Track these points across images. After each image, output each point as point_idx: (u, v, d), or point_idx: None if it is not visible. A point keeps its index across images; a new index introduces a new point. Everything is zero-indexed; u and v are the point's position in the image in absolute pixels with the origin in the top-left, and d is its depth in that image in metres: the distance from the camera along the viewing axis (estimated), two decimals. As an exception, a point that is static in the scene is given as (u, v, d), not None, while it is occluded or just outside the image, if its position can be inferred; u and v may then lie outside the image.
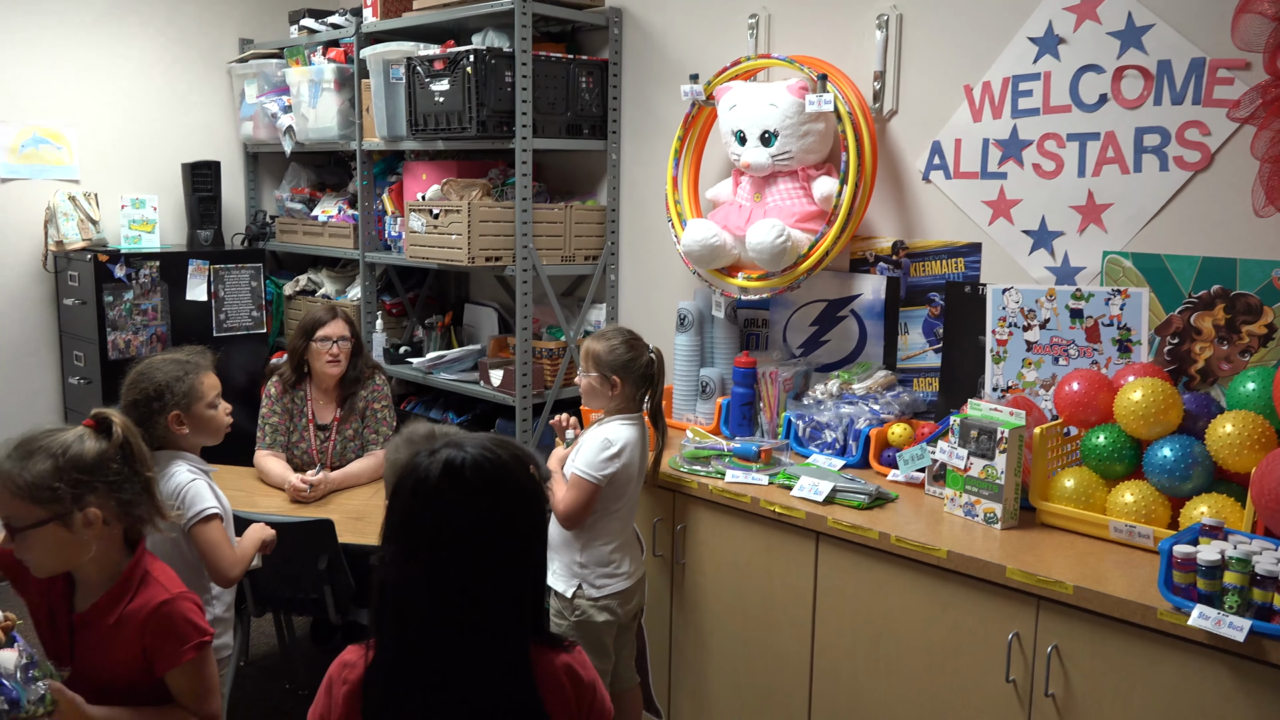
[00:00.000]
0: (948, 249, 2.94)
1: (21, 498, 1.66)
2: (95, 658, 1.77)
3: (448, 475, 1.29)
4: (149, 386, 2.30)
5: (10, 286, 4.29)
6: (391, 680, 1.29)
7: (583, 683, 1.37)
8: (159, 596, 1.77)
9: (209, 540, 2.25)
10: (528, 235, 3.54)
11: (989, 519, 2.44)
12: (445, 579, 1.27)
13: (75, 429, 1.75)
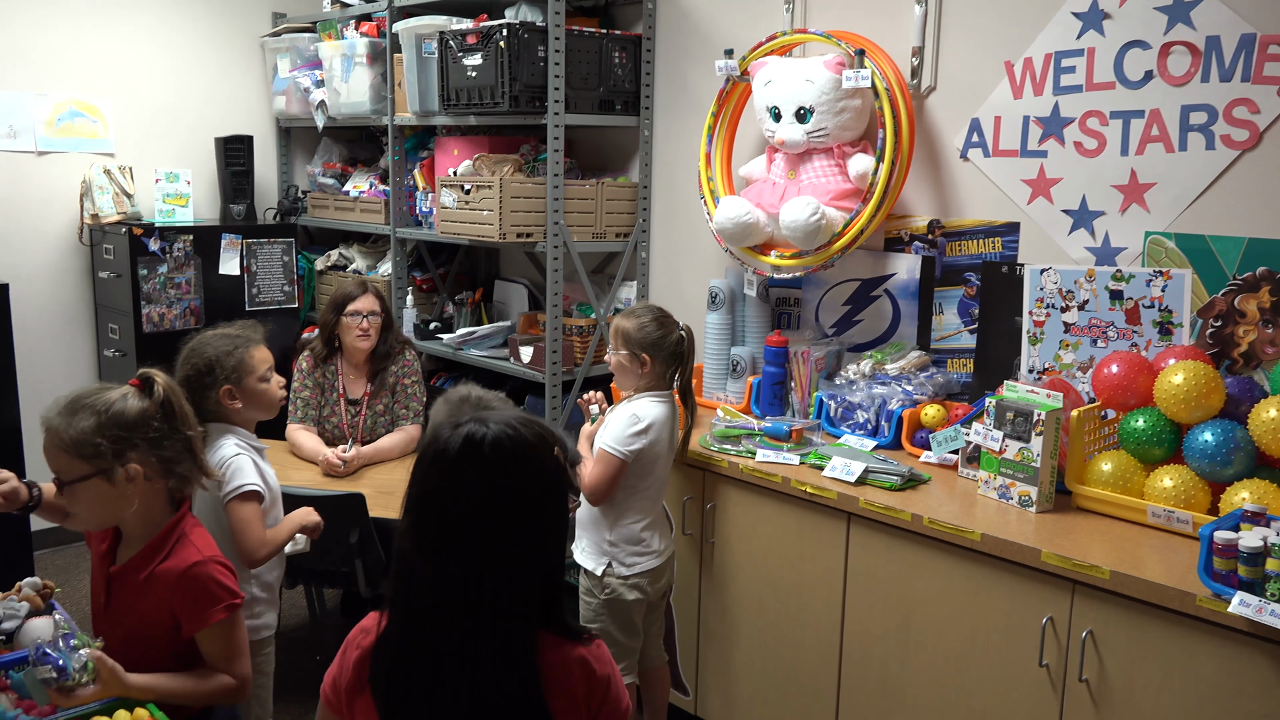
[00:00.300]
0: (985, 228, 2.89)
1: (68, 452, 1.73)
2: (126, 611, 1.82)
3: (466, 450, 1.26)
4: (200, 361, 2.31)
5: (47, 259, 4.33)
6: (397, 652, 1.27)
7: (595, 677, 1.32)
8: (191, 558, 1.80)
9: (240, 518, 2.27)
10: (559, 212, 3.52)
11: (1024, 502, 2.41)
12: (455, 556, 1.25)
13: (121, 388, 1.81)
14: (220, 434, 2.33)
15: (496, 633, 1.26)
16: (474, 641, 1.25)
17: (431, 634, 1.25)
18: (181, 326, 4.24)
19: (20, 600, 1.95)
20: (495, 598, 1.25)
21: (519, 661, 1.27)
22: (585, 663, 1.31)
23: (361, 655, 1.32)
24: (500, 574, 1.26)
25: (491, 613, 1.25)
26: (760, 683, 2.81)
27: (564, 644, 1.32)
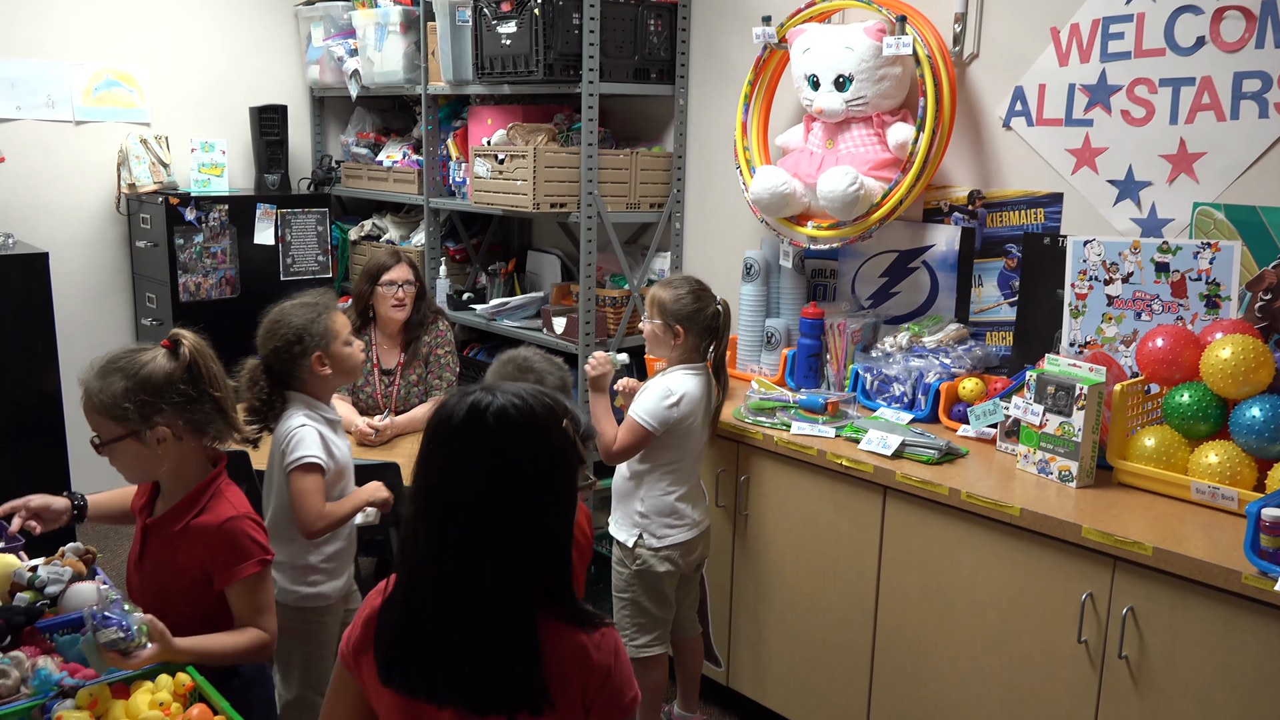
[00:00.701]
0: (1027, 199, 2.84)
1: (100, 414, 1.79)
2: (159, 564, 1.87)
3: (469, 419, 1.24)
4: (287, 332, 2.31)
5: (86, 228, 4.37)
6: (399, 617, 1.27)
7: (591, 665, 1.27)
8: (225, 513, 1.84)
9: (299, 489, 2.27)
10: (593, 182, 3.50)
11: (1064, 477, 2.38)
12: (455, 526, 1.23)
13: (153, 350, 1.84)
14: (294, 404, 2.33)
15: (498, 607, 1.23)
16: (475, 614, 1.23)
17: (434, 603, 1.24)
18: (217, 296, 4.27)
19: (64, 565, 1.98)
20: (498, 571, 1.23)
21: (519, 636, 1.24)
22: (583, 650, 1.27)
23: (370, 614, 1.32)
24: (504, 547, 1.23)
25: (494, 586, 1.23)
26: (793, 655, 2.81)
27: (566, 629, 1.28)
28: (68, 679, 1.60)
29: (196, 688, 1.60)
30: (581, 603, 1.33)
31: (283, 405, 2.33)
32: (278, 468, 2.31)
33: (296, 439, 2.27)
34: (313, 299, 2.39)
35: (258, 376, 2.32)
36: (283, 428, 2.30)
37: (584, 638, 1.28)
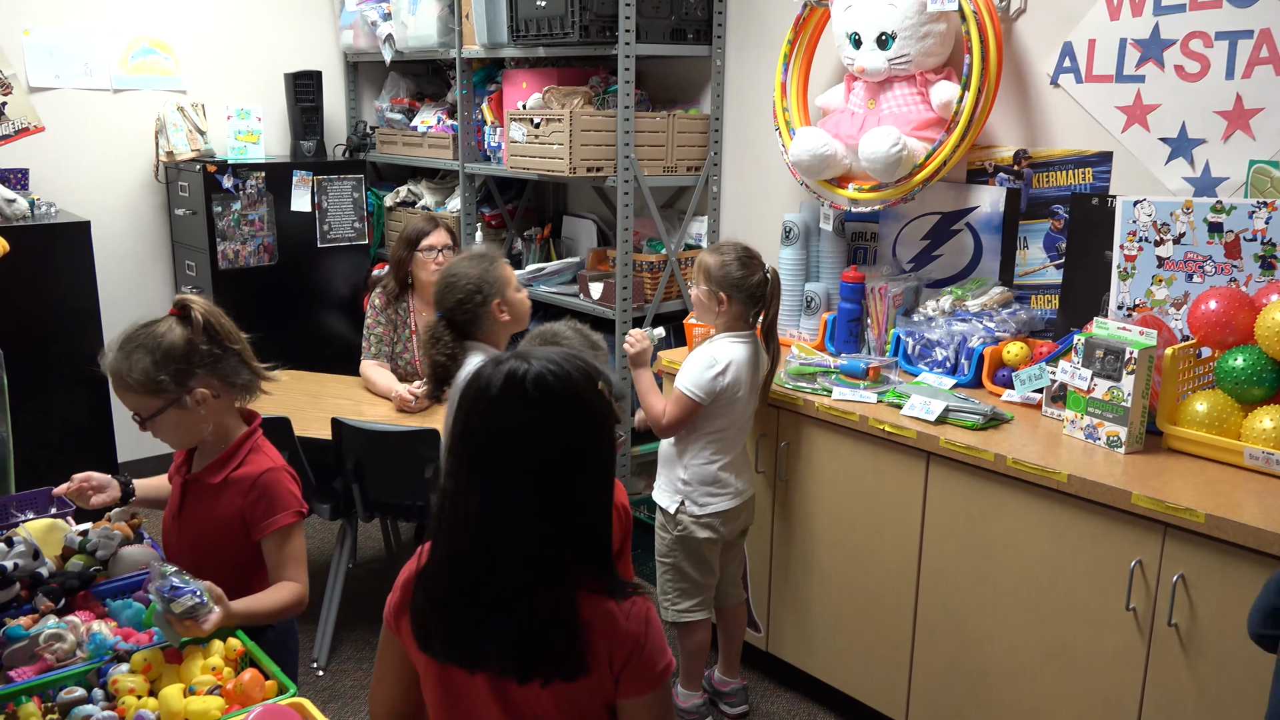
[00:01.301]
0: (1075, 158, 2.77)
1: (137, 392, 1.81)
2: (198, 516, 1.91)
3: (507, 387, 1.23)
4: (469, 284, 2.39)
5: (125, 197, 4.40)
6: (437, 582, 1.27)
7: (618, 633, 1.26)
8: (264, 465, 1.90)
9: None
10: (630, 145, 3.46)
11: (1112, 442, 2.34)
12: (495, 493, 1.22)
13: (164, 320, 1.86)
14: (474, 353, 2.38)
15: (540, 573, 1.23)
16: (516, 581, 1.23)
17: (473, 571, 1.24)
18: (255, 263, 4.29)
19: (113, 529, 2.01)
20: (540, 538, 1.23)
21: (560, 603, 1.24)
22: (611, 618, 1.26)
23: (408, 578, 1.33)
24: (546, 513, 1.23)
25: (536, 553, 1.23)
26: (833, 621, 2.80)
27: (596, 597, 1.27)
28: (122, 643, 1.62)
29: (247, 652, 1.62)
30: (615, 572, 1.32)
31: (462, 357, 2.37)
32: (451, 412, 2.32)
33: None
34: (480, 251, 2.48)
35: (440, 332, 2.38)
36: (464, 373, 2.32)
37: (613, 606, 1.27)
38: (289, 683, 1.54)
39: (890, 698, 2.69)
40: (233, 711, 1.47)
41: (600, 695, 1.29)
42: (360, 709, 2.94)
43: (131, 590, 1.86)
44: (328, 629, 3.16)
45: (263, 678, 1.53)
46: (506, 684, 1.27)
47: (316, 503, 3.18)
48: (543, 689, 1.25)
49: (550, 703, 1.28)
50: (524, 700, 1.29)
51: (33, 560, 1.85)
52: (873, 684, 2.73)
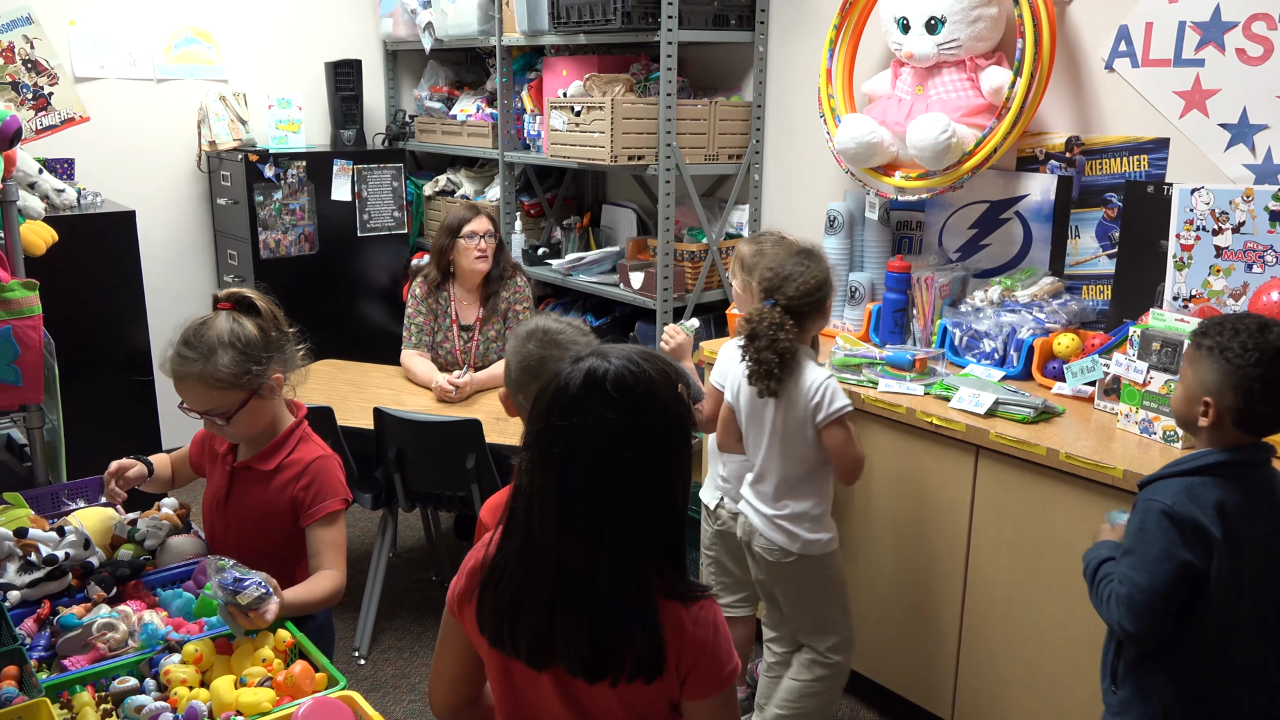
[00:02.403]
0: (1129, 145, 2.71)
1: (224, 389, 1.83)
2: (246, 503, 1.93)
3: (588, 386, 1.22)
4: (817, 281, 2.29)
5: (169, 186, 4.43)
6: (509, 578, 1.26)
7: (687, 638, 1.25)
8: (315, 452, 1.94)
9: (845, 438, 2.28)
10: (671, 133, 3.43)
11: (1168, 437, 2.28)
12: (575, 493, 1.21)
13: (220, 316, 1.88)
14: (803, 354, 2.32)
15: (618, 574, 1.22)
16: (593, 579, 1.22)
17: (551, 571, 1.23)
18: (296, 253, 4.31)
19: (161, 519, 2.02)
20: (619, 538, 1.22)
21: (639, 603, 1.23)
22: (679, 622, 1.25)
23: (474, 566, 1.33)
24: (626, 514, 1.21)
25: (615, 554, 1.22)
26: (879, 617, 2.77)
27: (668, 601, 1.26)
28: (173, 634, 1.63)
29: (296, 644, 1.62)
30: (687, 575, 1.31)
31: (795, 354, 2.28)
32: (801, 419, 2.29)
33: (832, 389, 2.27)
34: (811, 248, 2.38)
35: (784, 320, 2.25)
36: (805, 377, 2.28)
37: (681, 610, 1.26)
38: (338, 675, 1.53)
39: (936, 695, 2.65)
40: (283, 704, 1.47)
41: (666, 695, 1.29)
42: (402, 697, 2.95)
43: (181, 580, 1.87)
44: (369, 618, 3.18)
45: (313, 670, 1.53)
46: (573, 681, 1.26)
47: (358, 492, 3.19)
48: (611, 688, 1.24)
49: (616, 701, 1.27)
50: (589, 696, 1.28)
51: (84, 549, 1.86)
52: (918, 681, 2.70)
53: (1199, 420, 1.73)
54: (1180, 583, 1.66)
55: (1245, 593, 1.68)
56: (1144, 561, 1.69)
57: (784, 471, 2.34)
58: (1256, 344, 1.64)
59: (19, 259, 2.38)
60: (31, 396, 2.35)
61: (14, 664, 1.56)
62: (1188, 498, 1.68)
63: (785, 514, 2.34)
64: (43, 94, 3.90)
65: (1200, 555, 1.66)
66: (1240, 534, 1.67)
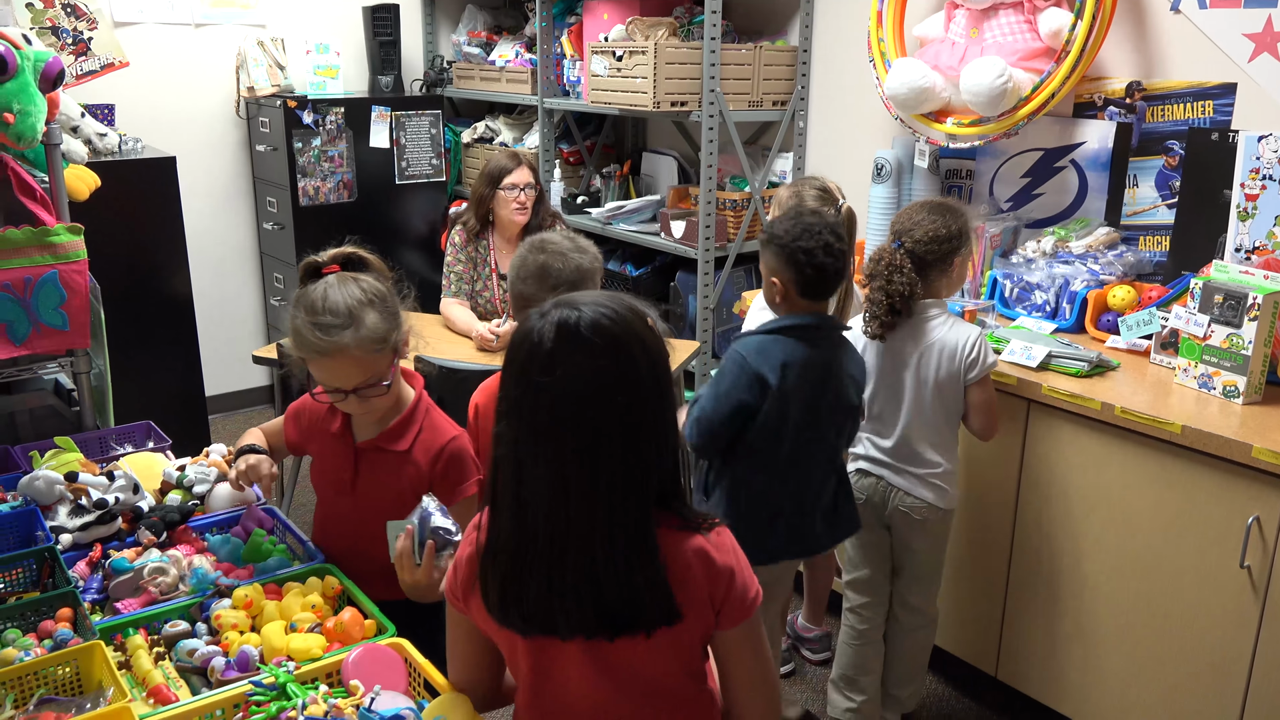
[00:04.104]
0: (1193, 90, 2.61)
1: (380, 350, 1.66)
2: (378, 485, 1.77)
3: (563, 336, 1.16)
4: (952, 229, 2.24)
5: (208, 133, 4.42)
6: (509, 556, 1.21)
7: (715, 567, 1.23)
8: (449, 432, 1.79)
9: (991, 396, 2.29)
10: (715, 79, 3.35)
11: (1228, 392, 2.22)
12: (568, 453, 1.16)
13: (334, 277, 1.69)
14: (942, 310, 2.29)
15: (617, 523, 1.17)
16: (593, 535, 1.18)
17: (546, 532, 1.19)
18: (335, 200, 4.29)
19: (209, 465, 2.02)
20: (611, 483, 1.17)
21: (642, 549, 1.19)
22: (704, 553, 1.22)
23: (471, 553, 1.28)
24: (616, 461, 1.17)
25: (608, 500, 1.17)
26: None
27: (681, 534, 1.23)
28: (223, 578, 1.63)
29: (345, 591, 1.62)
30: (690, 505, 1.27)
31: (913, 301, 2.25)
32: (951, 375, 2.26)
33: (985, 344, 2.26)
34: (955, 205, 2.31)
35: (903, 262, 2.24)
36: (951, 332, 2.25)
37: (701, 540, 1.23)
38: (387, 622, 1.53)
39: (980, 650, 2.63)
40: (333, 650, 1.47)
41: (699, 632, 1.26)
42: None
43: (229, 525, 1.87)
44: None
45: (362, 617, 1.53)
46: (598, 643, 1.23)
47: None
48: (639, 640, 1.21)
49: (647, 652, 1.24)
50: (619, 655, 1.24)
51: (133, 494, 1.87)
52: (963, 636, 2.68)
53: (776, 299, 2.14)
54: (736, 417, 2.08)
55: (789, 429, 2.10)
56: (715, 395, 2.09)
57: (935, 427, 2.31)
58: (796, 226, 2.08)
59: (64, 203, 2.37)
60: (78, 341, 2.36)
61: (68, 606, 1.57)
62: (758, 352, 2.09)
63: (939, 471, 2.32)
64: (82, 39, 3.88)
65: (756, 398, 2.07)
66: (791, 386, 2.08)
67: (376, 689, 1.34)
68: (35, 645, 1.49)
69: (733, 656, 1.28)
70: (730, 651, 1.28)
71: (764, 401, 2.07)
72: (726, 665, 1.29)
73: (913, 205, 2.34)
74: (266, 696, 1.34)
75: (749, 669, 1.29)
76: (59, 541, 1.77)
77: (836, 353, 2.14)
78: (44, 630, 1.53)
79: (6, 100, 2.09)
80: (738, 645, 1.28)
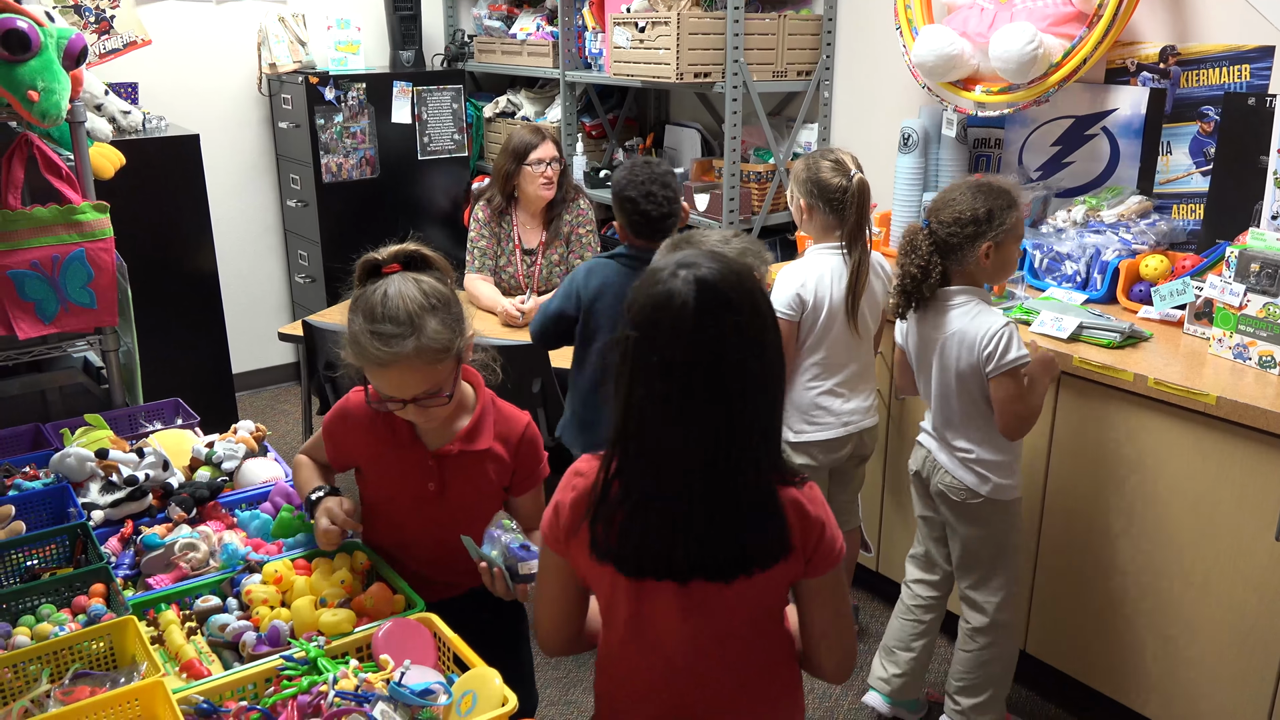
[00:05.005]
0: (1230, 54, 2.55)
1: (443, 359, 1.54)
2: (464, 489, 1.67)
3: (705, 297, 1.19)
4: (968, 213, 2.11)
5: (230, 110, 4.42)
6: (637, 501, 1.25)
7: (809, 519, 1.28)
8: (522, 419, 1.72)
9: (1013, 393, 2.11)
10: (739, 49, 3.31)
11: (1264, 363, 2.18)
12: (700, 400, 1.20)
13: (396, 280, 1.55)
14: (969, 295, 2.17)
15: (743, 463, 1.23)
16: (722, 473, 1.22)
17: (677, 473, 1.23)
18: (358, 177, 4.29)
19: (237, 441, 2.03)
20: (741, 440, 1.22)
21: (766, 489, 1.26)
22: (799, 504, 1.28)
23: (577, 498, 1.31)
24: (745, 405, 1.22)
25: (740, 444, 1.22)
26: (949, 543, 2.73)
27: (784, 487, 1.29)
28: (253, 554, 1.64)
29: (373, 566, 1.62)
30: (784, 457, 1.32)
31: (939, 284, 2.17)
32: (971, 366, 2.15)
33: (1006, 339, 2.09)
34: (1005, 186, 2.17)
35: (924, 244, 2.15)
36: (976, 321, 2.13)
37: (795, 493, 1.29)
38: (416, 597, 1.54)
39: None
40: (363, 625, 1.48)
41: (787, 579, 1.32)
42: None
43: (258, 501, 1.88)
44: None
45: (390, 592, 1.53)
46: (696, 588, 1.27)
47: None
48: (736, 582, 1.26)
49: (737, 599, 1.29)
50: (713, 600, 1.29)
51: (163, 470, 1.88)
52: (990, 608, 2.66)
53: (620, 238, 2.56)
54: (559, 322, 2.55)
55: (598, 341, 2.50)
56: (553, 298, 2.58)
57: (960, 414, 2.21)
58: (625, 176, 2.51)
59: (89, 181, 2.38)
60: (106, 319, 2.37)
61: (101, 582, 1.59)
62: (587, 272, 2.52)
63: (973, 457, 2.21)
64: (105, 17, 3.88)
65: (573, 310, 2.51)
66: (598, 304, 2.48)
67: (406, 663, 1.34)
68: (69, 620, 1.51)
69: (816, 602, 1.35)
70: (815, 598, 1.35)
71: (578, 314, 2.50)
72: (810, 611, 1.36)
73: (956, 183, 2.21)
74: (298, 671, 1.35)
75: (832, 615, 1.36)
76: (90, 518, 1.79)
77: None
78: (78, 606, 1.54)
79: (30, 78, 2.09)
80: (823, 593, 1.34)
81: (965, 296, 2.18)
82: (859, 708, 2.59)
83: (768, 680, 1.39)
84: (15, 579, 1.68)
